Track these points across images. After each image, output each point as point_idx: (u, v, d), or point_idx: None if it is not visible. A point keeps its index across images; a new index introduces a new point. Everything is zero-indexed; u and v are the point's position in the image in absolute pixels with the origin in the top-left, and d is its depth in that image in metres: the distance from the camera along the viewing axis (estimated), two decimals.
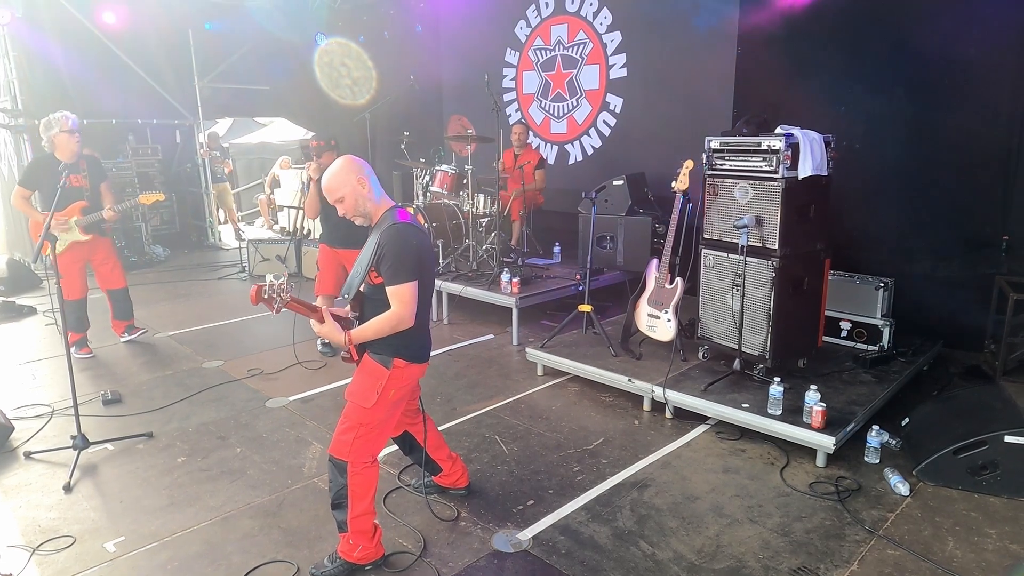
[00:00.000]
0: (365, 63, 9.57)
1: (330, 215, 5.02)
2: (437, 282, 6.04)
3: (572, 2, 7.72)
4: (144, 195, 5.31)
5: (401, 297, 2.56)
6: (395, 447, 3.27)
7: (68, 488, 3.44)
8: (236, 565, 2.84)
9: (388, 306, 2.59)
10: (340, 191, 2.62)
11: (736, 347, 4.20)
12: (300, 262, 8.23)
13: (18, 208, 5.10)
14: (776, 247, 4.03)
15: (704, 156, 4.35)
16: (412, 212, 2.83)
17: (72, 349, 5.42)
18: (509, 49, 8.55)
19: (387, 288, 2.57)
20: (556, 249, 7.19)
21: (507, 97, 8.66)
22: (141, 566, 2.85)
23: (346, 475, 2.66)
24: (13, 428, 4.01)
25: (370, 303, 2.68)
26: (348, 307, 2.76)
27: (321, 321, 2.60)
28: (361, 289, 2.69)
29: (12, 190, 8.88)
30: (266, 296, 2.40)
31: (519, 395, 4.64)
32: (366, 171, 2.67)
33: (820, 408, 3.56)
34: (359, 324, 2.68)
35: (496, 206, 6.29)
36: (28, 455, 3.79)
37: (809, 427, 3.59)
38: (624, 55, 7.32)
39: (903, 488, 3.33)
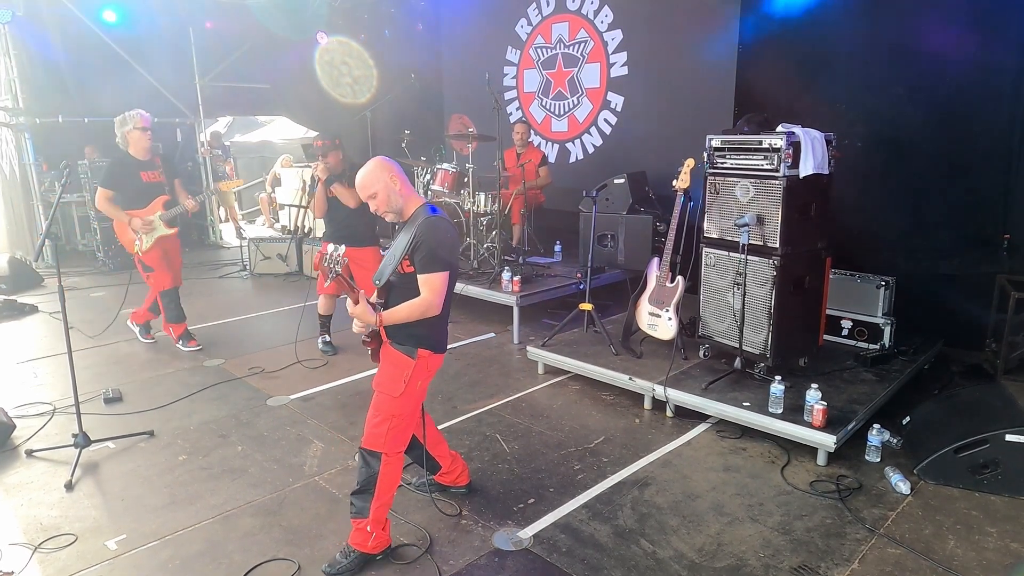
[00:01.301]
0: (366, 61, 9.56)
1: (335, 214, 5.02)
2: None
3: (573, 0, 7.71)
4: (223, 182, 5.38)
5: (433, 285, 2.65)
6: None
7: (69, 486, 3.44)
8: (237, 563, 2.84)
9: (413, 296, 2.68)
10: (373, 187, 2.72)
11: (737, 346, 4.20)
12: (301, 260, 8.23)
13: (103, 210, 5.11)
14: (777, 246, 4.02)
15: (705, 154, 4.34)
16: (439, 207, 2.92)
17: (179, 343, 5.49)
18: (510, 47, 8.55)
19: (419, 276, 2.66)
20: (557, 248, 7.19)
21: (508, 95, 8.66)
22: (142, 564, 2.85)
23: (379, 464, 2.74)
24: (15, 426, 4.01)
25: (396, 291, 2.76)
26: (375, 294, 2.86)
27: (356, 302, 2.67)
28: (390, 278, 2.77)
29: (13, 188, 9.01)
30: (326, 264, 2.55)
31: (520, 393, 4.64)
32: (397, 169, 2.78)
33: (821, 407, 3.56)
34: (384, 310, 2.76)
35: (497, 204, 6.29)
36: (30, 453, 3.79)
37: (810, 426, 3.59)
38: (625, 53, 7.31)
39: (904, 487, 3.33)
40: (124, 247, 5.30)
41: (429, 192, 7.01)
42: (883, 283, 4.71)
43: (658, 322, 4.62)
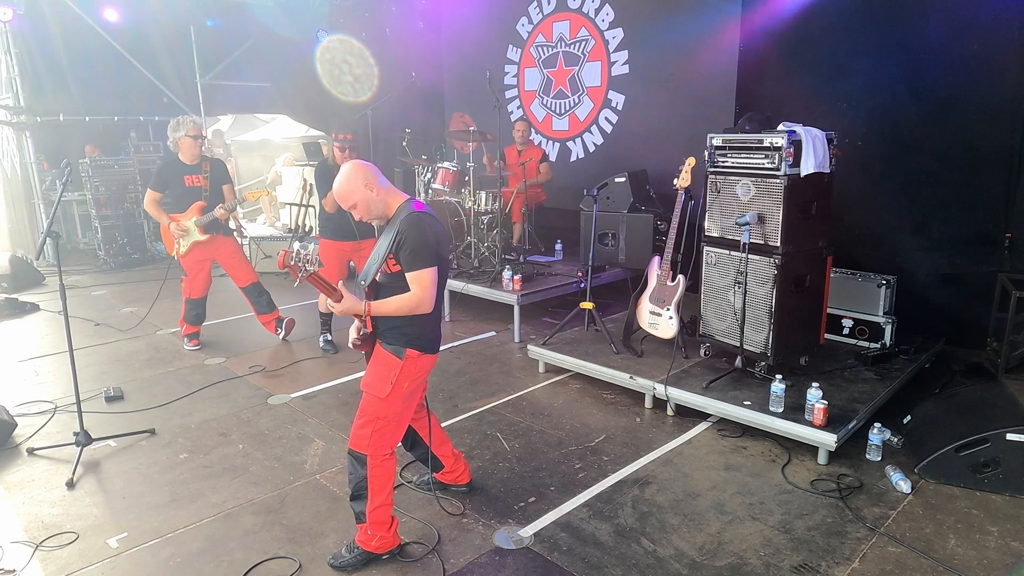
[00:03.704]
0: (367, 60, 9.56)
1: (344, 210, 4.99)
2: None
3: None
4: (251, 191, 5.47)
5: (421, 282, 2.61)
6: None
7: (71, 484, 3.45)
8: (238, 561, 2.85)
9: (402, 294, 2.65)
10: (351, 199, 2.69)
11: (738, 344, 4.20)
12: None
13: (149, 211, 5.19)
14: (778, 244, 4.02)
15: (706, 153, 4.34)
16: (426, 201, 2.88)
17: (184, 340, 5.58)
18: (511, 46, 8.54)
19: (407, 275, 2.62)
20: (558, 246, 7.18)
21: (509, 94, 8.65)
22: (143, 562, 2.86)
23: (366, 468, 2.72)
24: (16, 425, 4.02)
25: (385, 291, 2.72)
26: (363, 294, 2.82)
27: (338, 300, 2.64)
28: (377, 278, 2.74)
29: (15, 187, 9.02)
30: (291, 263, 2.47)
31: (521, 392, 4.64)
32: (372, 174, 2.71)
33: (822, 406, 3.56)
34: None
35: (498, 203, 6.29)
36: (31, 451, 3.80)
37: (811, 424, 3.59)
38: (626, 52, 7.30)
39: (905, 486, 3.33)
40: (166, 249, 5.40)
41: (430, 191, 7.02)
42: (884, 282, 4.70)
43: (659, 321, 4.62)
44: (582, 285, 5.61)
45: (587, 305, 5.12)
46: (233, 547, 2.94)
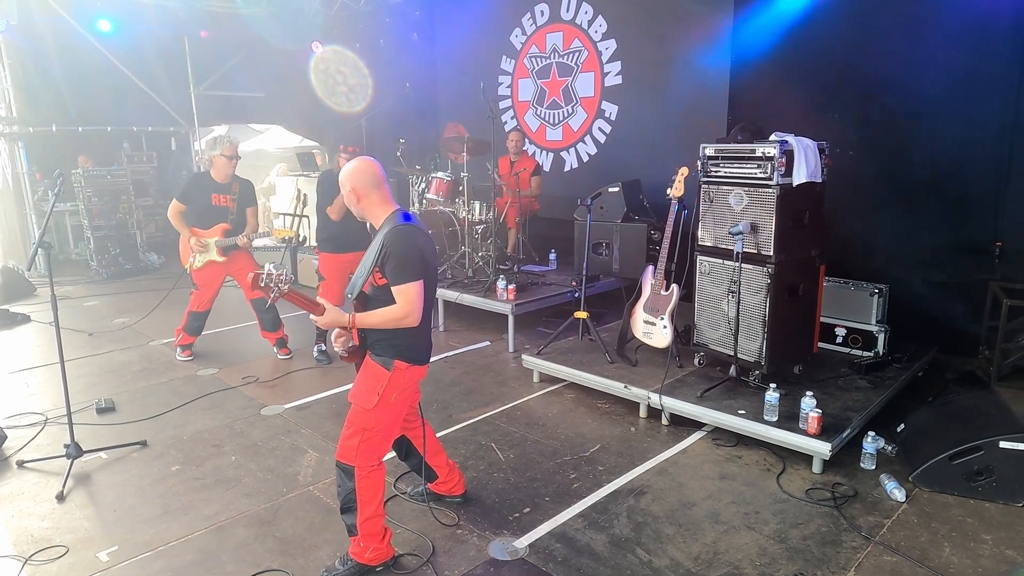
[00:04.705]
0: (361, 70, 9.59)
1: (348, 219, 4.94)
2: None
3: (567, 10, 7.76)
4: (277, 230, 5.54)
5: (407, 295, 2.60)
6: (392, 453, 3.27)
7: (61, 497, 3.42)
8: (230, 574, 2.82)
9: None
10: (344, 187, 2.75)
11: (732, 353, 4.20)
12: (296, 269, 8.22)
13: (172, 221, 5.21)
14: (771, 253, 4.04)
15: (699, 163, 4.36)
16: (416, 214, 2.88)
17: (177, 351, 5.58)
18: (505, 57, 8.59)
19: (392, 288, 2.61)
20: (552, 256, 7.20)
21: (503, 104, 8.69)
22: None
23: (354, 479, 2.70)
24: (6, 437, 3.98)
25: (373, 304, 2.71)
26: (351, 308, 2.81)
27: (321, 314, 2.63)
28: (365, 291, 2.73)
29: (7, 197, 8.98)
30: (263, 284, 2.45)
31: (515, 402, 4.63)
32: (367, 181, 2.72)
33: (816, 414, 3.56)
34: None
35: (492, 213, 6.30)
36: (21, 464, 3.76)
37: (805, 433, 3.59)
38: (619, 63, 7.35)
39: (899, 494, 3.33)
40: (180, 260, 5.41)
41: (424, 201, 7.02)
42: (876, 290, 4.73)
43: (653, 330, 4.63)
44: (576, 295, 5.62)
45: (581, 314, 5.12)
46: (225, 560, 2.92)
